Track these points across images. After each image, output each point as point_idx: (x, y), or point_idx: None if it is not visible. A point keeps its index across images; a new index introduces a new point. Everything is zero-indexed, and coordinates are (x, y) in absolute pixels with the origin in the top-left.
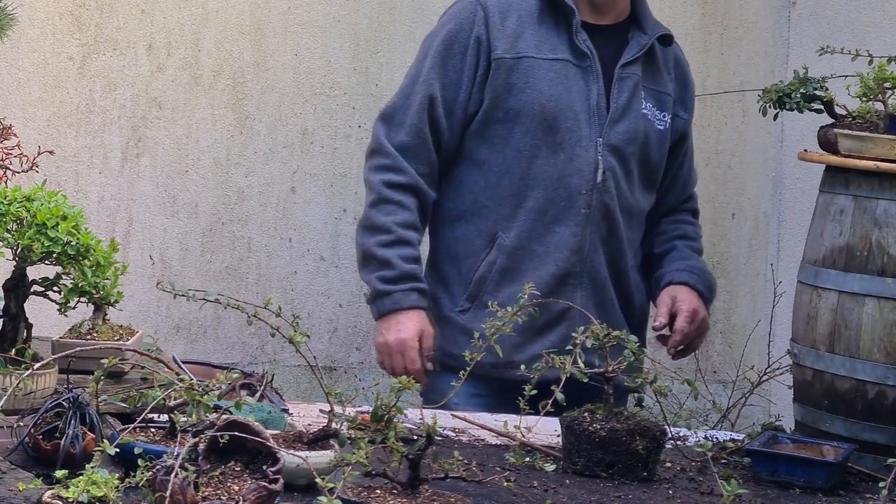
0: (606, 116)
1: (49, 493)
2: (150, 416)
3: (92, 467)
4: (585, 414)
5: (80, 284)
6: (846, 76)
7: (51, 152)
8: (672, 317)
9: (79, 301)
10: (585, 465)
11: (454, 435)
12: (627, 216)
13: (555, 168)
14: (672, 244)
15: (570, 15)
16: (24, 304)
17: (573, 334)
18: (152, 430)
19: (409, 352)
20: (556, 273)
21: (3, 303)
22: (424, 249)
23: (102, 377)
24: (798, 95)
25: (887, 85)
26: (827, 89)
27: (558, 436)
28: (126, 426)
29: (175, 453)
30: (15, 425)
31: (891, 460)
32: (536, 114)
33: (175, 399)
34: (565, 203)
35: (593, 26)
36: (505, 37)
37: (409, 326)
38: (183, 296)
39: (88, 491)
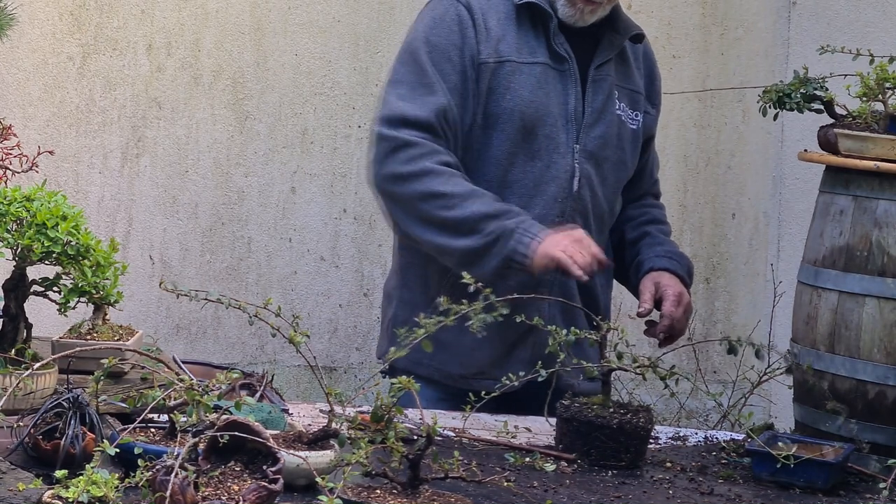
0: (583, 121)
1: (49, 493)
2: (150, 416)
3: (92, 467)
4: (576, 403)
5: (80, 284)
6: (846, 75)
7: (51, 152)
8: (657, 303)
9: (79, 301)
10: (576, 451)
11: (454, 435)
12: (599, 222)
13: (530, 176)
14: (644, 230)
15: (547, 19)
16: (24, 304)
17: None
18: (152, 430)
19: (584, 240)
20: (527, 282)
21: (3, 303)
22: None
23: (102, 377)
24: (798, 95)
25: (888, 85)
26: (827, 89)
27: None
28: (126, 426)
29: (175, 453)
30: (15, 425)
31: (891, 461)
32: (516, 120)
33: (175, 399)
34: (539, 210)
35: (568, 28)
36: (489, 39)
37: (569, 231)
38: (185, 296)
39: (88, 491)
